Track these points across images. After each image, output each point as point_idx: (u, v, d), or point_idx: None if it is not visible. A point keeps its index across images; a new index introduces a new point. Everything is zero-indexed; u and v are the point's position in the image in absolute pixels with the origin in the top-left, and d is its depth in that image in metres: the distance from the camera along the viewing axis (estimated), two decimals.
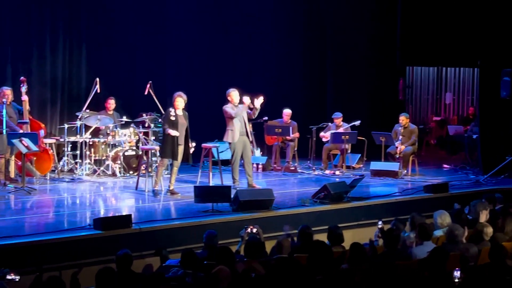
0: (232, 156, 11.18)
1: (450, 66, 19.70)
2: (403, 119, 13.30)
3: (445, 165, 14.64)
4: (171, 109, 10.37)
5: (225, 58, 15.98)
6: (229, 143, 11.17)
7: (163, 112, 12.08)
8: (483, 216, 8.24)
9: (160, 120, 12.22)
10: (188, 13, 15.46)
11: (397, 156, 13.10)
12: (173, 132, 10.22)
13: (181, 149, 10.38)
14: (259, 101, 11.13)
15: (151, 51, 14.99)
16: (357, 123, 13.48)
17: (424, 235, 7.18)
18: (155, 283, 5.54)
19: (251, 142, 13.67)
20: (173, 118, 10.28)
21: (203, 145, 11.82)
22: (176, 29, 15.41)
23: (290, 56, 16.69)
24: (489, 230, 7.33)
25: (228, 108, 11.07)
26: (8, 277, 5.62)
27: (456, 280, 5.67)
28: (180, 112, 10.43)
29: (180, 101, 10.42)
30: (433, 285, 5.27)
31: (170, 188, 10.55)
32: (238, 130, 11.03)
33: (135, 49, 14.77)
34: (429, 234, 7.24)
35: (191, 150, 10.61)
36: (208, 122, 15.46)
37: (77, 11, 14.04)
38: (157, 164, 10.71)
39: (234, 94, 11.14)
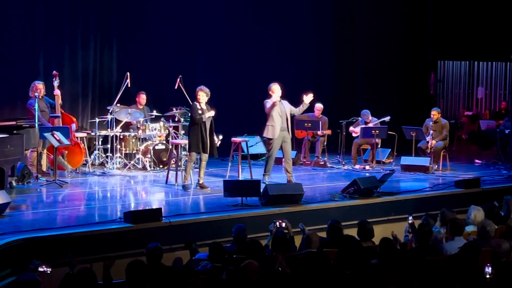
0: (269, 150, 11.13)
1: (482, 60, 19.47)
2: (434, 113, 13.18)
3: (476, 160, 14.49)
4: (196, 103, 10.38)
5: (255, 52, 15.97)
6: (268, 139, 11.07)
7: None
8: None
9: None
10: (218, 7, 15.48)
11: (428, 151, 12.99)
12: (208, 114, 10.22)
13: (207, 141, 10.38)
14: (308, 97, 11.00)
15: (182, 45, 15.04)
16: (387, 119, 13.38)
17: (456, 231, 7.12)
18: (184, 276, 5.56)
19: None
20: (200, 112, 10.30)
21: (233, 139, 11.84)
22: (207, 23, 15.44)
23: (320, 51, 16.64)
24: None
25: (267, 103, 10.99)
26: (40, 269, 5.68)
27: (488, 276, 5.61)
28: (204, 106, 10.43)
29: (202, 95, 10.42)
30: (464, 281, 5.21)
31: (200, 182, 10.58)
32: (279, 125, 10.93)
33: (166, 43, 14.82)
34: (460, 229, 7.18)
35: (218, 144, 10.60)
36: (238, 116, 15.51)
37: (109, 5, 14.13)
38: (186, 159, 10.74)
39: (275, 87, 11.02)
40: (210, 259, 6.27)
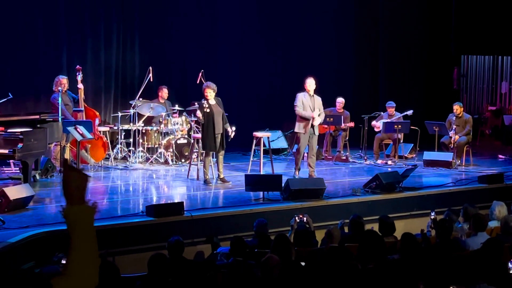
0: (298, 145, 11.13)
1: (506, 55, 19.28)
2: (457, 108, 13.08)
3: (500, 156, 14.36)
4: (204, 101, 10.36)
5: (277, 47, 15.96)
6: (298, 133, 11.04)
7: None
8: None
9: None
10: (240, 2, 15.48)
11: (451, 146, 12.90)
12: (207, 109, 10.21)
13: (220, 137, 10.38)
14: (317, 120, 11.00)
15: (203, 39, 15.06)
16: (410, 112, 13.30)
17: (479, 226, 7.07)
18: (206, 270, 5.58)
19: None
20: (207, 110, 10.27)
21: (254, 133, 11.84)
22: (228, 18, 15.45)
23: (342, 45, 16.59)
24: None
25: (298, 97, 10.99)
26: (63, 261, 5.73)
27: (511, 272, 5.57)
28: (212, 101, 10.40)
29: (210, 92, 10.40)
30: (488, 276, 5.18)
31: (221, 177, 10.60)
32: (310, 122, 10.94)
33: (187, 38, 14.85)
34: (483, 225, 7.12)
35: (232, 135, 10.57)
36: (260, 111, 15.52)
37: (130, 0, 14.19)
38: (202, 157, 10.71)
39: (308, 81, 11.05)
40: (231, 253, 6.28)
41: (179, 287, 5.27)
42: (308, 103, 10.97)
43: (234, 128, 10.66)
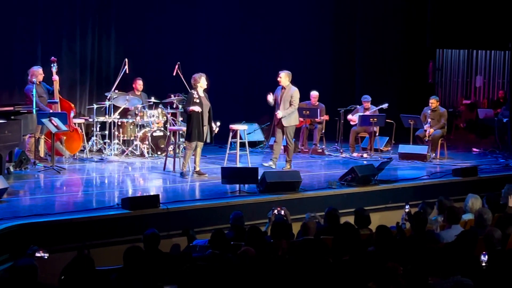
0: (289, 138, 11.30)
1: (481, 49, 19.43)
2: (433, 101, 13.17)
3: (474, 149, 14.49)
4: (194, 91, 10.33)
5: (254, 39, 15.94)
6: (287, 127, 11.24)
7: None
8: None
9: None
10: None
11: (426, 139, 12.99)
12: (196, 108, 10.17)
13: (205, 129, 10.38)
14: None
15: (180, 32, 14.99)
16: (385, 106, 13.37)
17: (453, 219, 7.13)
18: (182, 262, 5.58)
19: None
20: (197, 101, 10.25)
21: (231, 126, 11.82)
22: (206, 10, 15.41)
23: (318, 38, 16.62)
24: None
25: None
26: (37, 254, 5.70)
27: (484, 264, 5.64)
28: (202, 93, 10.39)
29: (204, 81, 10.39)
30: (462, 268, 5.24)
31: (197, 169, 10.58)
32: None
33: (164, 30, 14.77)
34: (457, 217, 7.19)
35: (216, 130, 10.60)
36: (236, 104, 15.51)
37: None
38: (184, 146, 10.70)
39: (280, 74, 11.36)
40: (211, 246, 6.28)
41: (155, 280, 5.26)
42: (277, 96, 11.20)
43: (218, 124, 10.67)
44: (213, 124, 10.54)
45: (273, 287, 5.14)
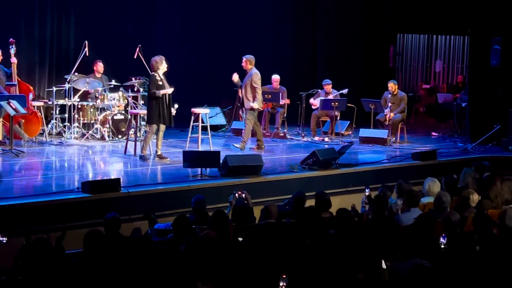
0: (249, 121, 11.38)
1: (441, 34, 19.64)
2: (391, 85, 13.29)
3: (433, 133, 14.68)
4: (155, 74, 10.24)
5: (214, 23, 15.86)
6: (252, 109, 11.33)
7: None
8: (471, 184, 8.31)
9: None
10: None
11: (386, 123, 13.12)
12: (169, 90, 10.12)
13: (167, 112, 10.31)
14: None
15: (141, 14, 14.85)
16: (345, 91, 13.44)
17: (412, 202, 7.24)
18: (143, 246, 5.56)
19: (241, 108, 13.70)
20: (160, 83, 10.18)
21: (193, 110, 11.78)
22: None
23: (281, 22, 16.60)
24: (475, 197, 7.39)
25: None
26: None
27: (442, 246, 5.73)
28: (162, 76, 10.32)
29: (165, 64, 10.31)
30: (420, 250, 5.32)
31: (158, 153, 10.52)
32: None
33: (125, 12, 14.61)
34: (416, 201, 7.30)
35: (173, 113, 10.55)
36: (198, 87, 15.44)
37: None
38: (146, 129, 10.61)
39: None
40: (173, 230, 6.27)
41: (116, 264, 5.23)
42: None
43: (176, 106, 10.62)
44: (171, 108, 10.47)
45: (234, 269, 5.15)
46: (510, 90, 12.90)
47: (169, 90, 10.14)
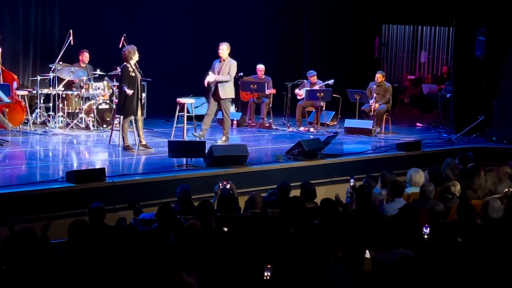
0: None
1: (426, 25, 19.70)
2: (379, 76, 13.32)
3: (418, 124, 14.75)
4: (128, 65, 10.15)
5: (200, 12, 15.81)
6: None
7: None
8: (454, 175, 8.36)
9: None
10: None
11: (371, 114, 13.16)
12: (130, 91, 10.02)
13: (137, 103, 10.21)
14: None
15: (126, 3, 14.77)
16: (331, 82, 13.46)
17: (396, 192, 7.27)
18: (128, 236, 5.56)
19: None
20: (132, 74, 10.11)
21: (178, 100, 11.76)
22: None
23: (266, 11, 16.57)
24: (458, 188, 7.44)
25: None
26: None
27: (426, 237, 5.77)
28: (134, 66, 10.23)
29: (137, 54, 10.23)
30: (404, 240, 5.35)
31: (142, 143, 10.47)
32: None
33: (110, 1, 14.52)
34: (400, 191, 7.33)
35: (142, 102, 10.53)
36: (184, 77, 15.38)
37: None
38: (121, 122, 10.46)
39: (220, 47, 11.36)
40: (157, 220, 6.27)
41: (100, 253, 5.23)
42: (213, 68, 11.29)
43: (144, 95, 10.54)
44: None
45: (219, 259, 5.16)
46: (494, 81, 12.97)
47: (130, 92, 9.98)
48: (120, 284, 4.73)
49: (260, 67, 13.78)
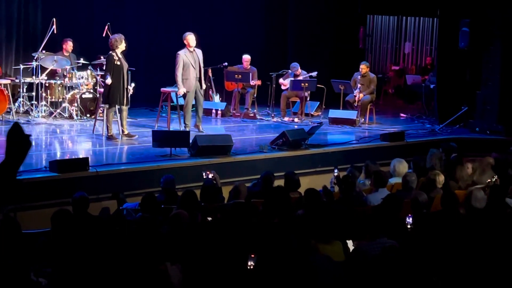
0: (186, 102, 11.11)
1: (410, 16, 19.74)
2: (363, 67, 13.33)
3: (402, 114, 14.79)
4: (113, 53, 10.10)
5: (185, 2, 15.73)
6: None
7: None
8: (437, 165, 8.41)
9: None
10: None
11: (355, 104, 13.18)
12: (109, 81, 9.97)
13: (123, 93, 10.17)
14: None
15: None
16: (314, 74, 13.44)
17: (379, 183, 7.30)
18: (113, 225, 5.55)
19: (211, 87, 13.67)
20: (118, 63, 10.06)
21: (162, 89, 11.72)
22: None
23: (251, 2, 16.52)
24: (441, 178, 7.47)
25: (179, 57, 10.90)
26: None
27: (409, 226, 5.80)
28: (120, 55, 10.18)
29: (124, 43, 10.16)
30: (387, 230, 5.37)
31: (125, 132, 10.43)
32: (194, 78, 10.94)
33: None
34: (384, 181, 7.36)
35: (131, 92, 10.46)
36: (168, 67, 15.28)
37: None
38: (105, 112, 10.40)
39: (190, 37, 11.01)
40: (141, 209, 6.25)
41: (84, 243, 5.21)
42: (189, 59, 10.97)
43: (133, 85, 10.51)
44: (129, 86, 10.36)
45: (202, 249, 5.16)
46: (478, 72, 13.03)
47: (109, 82, 9.94)
48: (108, 273, 4.72)
49: (246, 57, 13.74)
